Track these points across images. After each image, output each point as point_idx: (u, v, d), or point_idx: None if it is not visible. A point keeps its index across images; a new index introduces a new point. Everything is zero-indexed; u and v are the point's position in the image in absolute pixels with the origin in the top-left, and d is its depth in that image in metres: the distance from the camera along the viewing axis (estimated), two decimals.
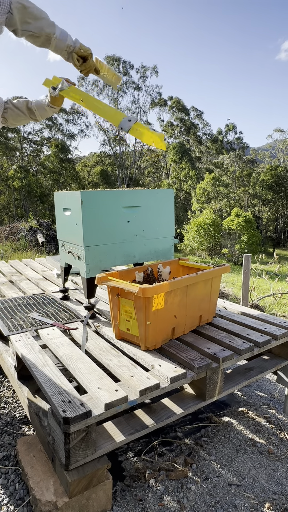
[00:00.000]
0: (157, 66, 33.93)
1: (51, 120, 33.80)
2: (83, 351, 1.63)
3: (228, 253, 22.36)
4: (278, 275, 7.32)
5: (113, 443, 1.27)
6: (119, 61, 32.93)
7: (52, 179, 33.19)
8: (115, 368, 1.45)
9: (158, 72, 33.77)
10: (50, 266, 3.59)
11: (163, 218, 2.21)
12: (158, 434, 1.77)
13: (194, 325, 1.85)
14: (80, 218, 1.86)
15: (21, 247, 7.92)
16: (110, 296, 1.68)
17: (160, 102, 35.25)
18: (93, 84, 33.57)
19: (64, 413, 1.13)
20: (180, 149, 33.58)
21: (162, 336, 1.63)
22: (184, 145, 33.98)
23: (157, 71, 33.64)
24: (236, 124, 38.93)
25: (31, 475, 1.31)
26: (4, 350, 2.00)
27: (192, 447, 1.68)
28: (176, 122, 35.83)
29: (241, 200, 33.86)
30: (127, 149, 37.30)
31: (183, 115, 36.02)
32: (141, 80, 33.94)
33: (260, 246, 24.11)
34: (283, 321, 1.99)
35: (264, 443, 1.72)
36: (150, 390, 1.31)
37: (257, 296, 5.19)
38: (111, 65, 32.65)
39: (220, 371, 1.55)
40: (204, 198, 29.50)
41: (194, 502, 1.38)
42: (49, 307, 2.19)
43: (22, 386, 1.65)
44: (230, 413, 1.95)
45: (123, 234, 2.03)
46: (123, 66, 33.14)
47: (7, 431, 1.76)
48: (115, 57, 32.87)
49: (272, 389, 2.29)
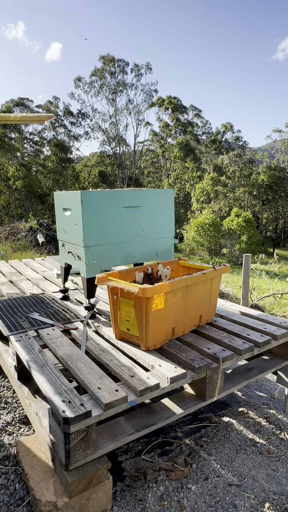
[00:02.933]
0: (150, 63, 33.98)
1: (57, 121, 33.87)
2: (83, 351, 1.63)
3: (228, 253, 22.35)
4: (278, 275, 7.32)
5: (113, 443, 1.27)
6: (113, 61, 32.93)
7: (52, 179, 33.19)
8: (115, 368, 1.45)
9: (152, 68, 33.77)
10: (50, 266, 3.59)
11: (163, 218, 2.21)
12: (158, 434, 1.77)
13: (194, 325, 1.85)
14: (80, 218, 1.86)
15: (21, 247, 7.91)
16: (110, 296, 1.68)
17: (158, 102, 35.21)
18: (90, 85, 33.63)
19: (64, 413, 1.13)
20: (186, 146, 33.38)
21: (162, 336, 1.63)
22: (189, 143, 33.82)
23: (151, 67, 33.67)
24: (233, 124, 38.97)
25: (31, 475, 1.31)
26: (4, 350, 2.00)
27: (192, 447, 1.68)
28: (172, 122, 35.75)
29: (241, 200, 33.87)
30: (127, 149, 37.33)
31: (179, 115, 35.94)
32: (136, 79, 33.99)
33: (260, 246, 24.11)
34: (283, 321, 1.99)
35: (264, 443, 1.72)
36: (150, 390, 1.31)
37: (257, 296, 5.19)
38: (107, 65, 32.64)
39: (220, 371, 1.55)
40: (203, 198, 29.49)
41: (194, 502, 1.38)
42: (49, 307, 2.19)
43: (22, 386, 1.65)
44: (230, 413, 1.95)
45: (123, 234, 2.03)
46: (118, 65, 33.15)
47: (7, 431, 1.76)
48: (109, 56, 32.88)
49: (272, 389, 2.29)
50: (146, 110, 35.49)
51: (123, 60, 33.20)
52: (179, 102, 36.08)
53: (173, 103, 35.46)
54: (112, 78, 33.41)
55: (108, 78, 33.43)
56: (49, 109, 33.63)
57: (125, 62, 33.30)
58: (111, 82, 33.56)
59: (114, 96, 33.88)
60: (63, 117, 34.26)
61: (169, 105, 35.46)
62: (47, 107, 33.42)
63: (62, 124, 34.50)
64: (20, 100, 32.85)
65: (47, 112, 32.99)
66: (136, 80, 33.99)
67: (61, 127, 34.36)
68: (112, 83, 33.53)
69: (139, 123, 35.39)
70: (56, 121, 33.97)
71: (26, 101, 32.92)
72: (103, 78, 33.32)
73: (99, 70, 33.12)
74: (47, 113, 27.99)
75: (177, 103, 35.89)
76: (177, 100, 35.99)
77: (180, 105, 36.11)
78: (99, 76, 33.23)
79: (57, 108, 34.04)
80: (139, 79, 33.96)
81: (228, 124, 37.56)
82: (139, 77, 33.83)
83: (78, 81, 33.50)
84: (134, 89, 34.11)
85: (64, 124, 34.54)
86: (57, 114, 33.81)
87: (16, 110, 32.62)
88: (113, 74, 33.21)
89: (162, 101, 35.50)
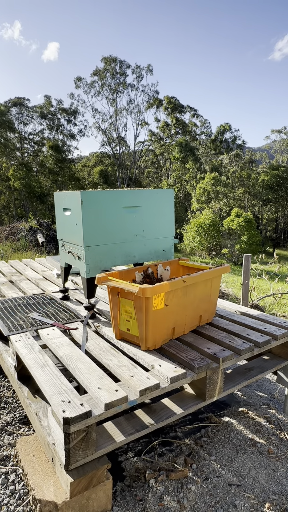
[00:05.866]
0: (151, 64, 34.03)
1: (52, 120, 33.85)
2: (83, 351, 1.63)
3: (228, 253, 22.35)
4: (278, 275, 7.31)
5: (113, 443, 1.27)
6: (115, 61, 32.92)
7: (51, 179, 33.19)
8: (115, 368, 1.45)
9: (152, 70, 33.77)
10: (50, 266, 3.59)
11: (163, 218, 2.21)
12: (158, 434, 1.77)
13: (194, 325, 1.85)
14: (80, 218, 1.86)
15: (21, 247, 7.91)
16: (110, 296, 1.68)
17: (155, 102, 35.18)
18: (91, 85, 33.61)
19: (64, 413, 1.13)
20: (186, 147, 33.29)
21: (162, 336, 1.63)
22: (188, 143, 33.72)
23: (152, 69, 33.69)
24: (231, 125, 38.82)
25: (31, 475, 1.31)
26: (4, 350, 2.00)
27: (192, 447, 1.68)
28: (172, 122, 35.71)
29: (241, 201, 33.85)
30: (127, 150, 37.31)
31: (178, 114, 35.90)
32: (137, 80, 34.00)
33: (260, 246, 24.10)
34: (283, 321, 1.99)
35: (264, 443, 1.72)
36: (150, 390, 1.31)
37: (257, 296, 5.19)
38: (109, 65, 32.66)
39: (220, 371, 1.55)
40: (204, 198, 29.48)
41: (194, 502, 1.38)
42: (49, 307, 2.19)
43: (22, 386, 1.65)
44: (230, 413, 1.95)
45: (123, 234, 2.03)
46: (119, 66, 33.15)
47: (7, 431, 1.76)
48: (111, 57, 32.88)
49: (272, 389, 2.29)
50: (147, 110, 35.49)
51: (125, 61, 33.26)
52: (177, 102, 36.06)
53: (173, 103, 35.46)
54: (113, 79, 33.43)
55: (109, 79, 33.46)
56: (46, 107, 33.53)
57: (127, 64, 33.35)
58: (111, 83, 33.58)
59: (115, 96, 33.90)
60: (59, 114, 34.22)
61: (168, 105, 35.46)
62: (40, 108, 33.33)
63: (60, 124, 34.52)
64: (17, 99, 32.88)
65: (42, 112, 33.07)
66: (137, 81, 34.05)
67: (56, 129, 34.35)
68: (113, 84, 33.54)
69: (140, 123, 35.40)
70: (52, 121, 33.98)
71: (23, 100, 32.97)
72: (104, 78, 33.33)
73: (101, 71, 33.12)
74: (45, 112, 27.57)
75: (176, 102, 35.87)
76: (176, 100, 35.97)
77: (179, 105, 36.10)
78: (100, 76, 33.23)
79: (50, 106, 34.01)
80: (140, 80, 34.00)
81: (226, 124, 37.56)
82: (140, 78, 33.87)
83: (78, 81, 33.50)
84: (135, 89, 34.13)
85: (61, 124, 34.57)
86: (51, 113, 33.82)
87: (14, 109, 32.68)
88: (114, 75, 33.21)
89: (161, 101, 35.48)
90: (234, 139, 37.87)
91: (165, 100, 35.47)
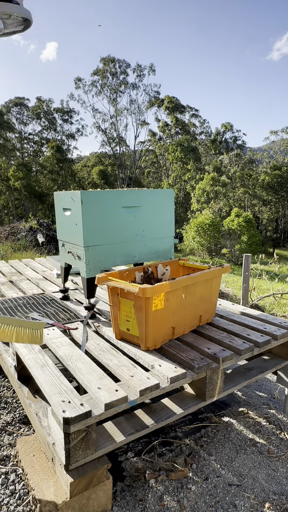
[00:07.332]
0: (153, 64, 33.91)
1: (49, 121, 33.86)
2: (83, 351, 1.63)
3: (228, 253, 22.36)
4: (278, 275, 7.31)
5: (113, 443, 1.27)
6: (114, 61, 32.90)
7: (51, 179, 33.20)
8: (115, 368, 1.45)
9: (155, 70, 33.72)
10: (50, 266, 3.59)
11: (163, 218, 2.21)
12: (158, 434, 1.77)
13: (194, 325, 1.85)
14: (80, 218, 1.86)
15: (21, 247, 7.91)
16: (110, 296, 1.68)
17: (156, 102, 35.16)
18: (92, 85, 33.60)
19: (64, 413, 1.13)
20: (187, 147, 33.23)
21: (162, 336, 1.63)
22: (189, 143, 33.66)
23: (154, 69, 33.63)
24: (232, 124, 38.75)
25: (31, 475, 1.31)
26: (4, 350, 2.00)
27: (192, 447, 1.68)
28: (172, 122, 35.68)
29: (241, 201, 33.85)
30: (127, 150, 37.30)
31: (178, 114, 35.87)
32: (138, 79, 33.93)
33: (260, 246, 24.10)
34: (283, 321, 1.99)
35: (264, 443, 1.72)
36: (150, 390, 1.31)
37: (257, 296, 5.19)
38: (107, 65, 32.63)
39: (220, 371, 1.55)
40: (203, 199, 29.47)
41: (194, 502, 1.38)
42: (49, 307, 2.19)
43: (22, 386, 1.65)
44: (230, 413, 1.95)
45: (123, 234, 2.03)
46: (119, 66, 33.14)
47: (7, 431, 1.76)
48: (110, 57, 32.85)
49: (272, 389, 2.29)
50: (147, 110, 35.47)
51: (124, 60, 33.20)
52: (178, 102, 36.05)
53: (174, 102, 35.44)
54: (113, 79, 33.40)
55: (109, 78, 33.42)
56: (39, 108, 33.50)
57: (126, 63, 33.31)
58: (112, 83, 33.55)
59: (116, 95, 33.87)
60: (56, 114, 34.24)
61: (169, 104, 35.45)
62: (35, 110, 33.34)
63: (59, 124, 34.56)
64: (18, 99, 32.92)
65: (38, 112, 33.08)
66: (138, 80, 33.99)
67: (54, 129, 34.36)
68: (114, 83, 33.51)
69: (140, 123, 35.38)
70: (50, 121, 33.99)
71: (23, 100, 33.02)
72: (104, 78, 33.32)
73: (101, 70, 33.10)
74: (39, 113, 27.35)
75: (177, 102, 35.85)
76: (176, 99, 35.96)
77: (179, 105, 36.08)
78: (101, 76, 33.21)
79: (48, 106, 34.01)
80: (141, 79, 33.94)
81: (228, 124, 37.50)
82: (141, 77, 33.81)
83: (78, 81, 33.49)
84: (136, 89, 34.08)
85: (59, 123, 34.61)
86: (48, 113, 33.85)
87: (14, 109, 32.71)
88: (114, 75, 33.18)
89: (162, 101, 35.46)
90: (235, 139, 37.84)
91: (166, 99, 35.45)
